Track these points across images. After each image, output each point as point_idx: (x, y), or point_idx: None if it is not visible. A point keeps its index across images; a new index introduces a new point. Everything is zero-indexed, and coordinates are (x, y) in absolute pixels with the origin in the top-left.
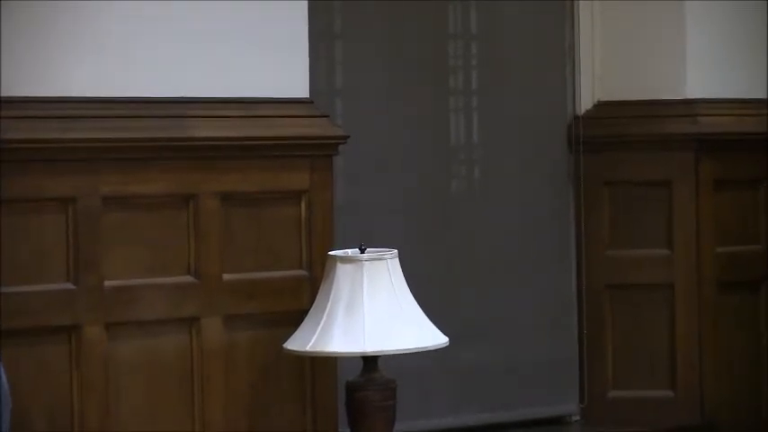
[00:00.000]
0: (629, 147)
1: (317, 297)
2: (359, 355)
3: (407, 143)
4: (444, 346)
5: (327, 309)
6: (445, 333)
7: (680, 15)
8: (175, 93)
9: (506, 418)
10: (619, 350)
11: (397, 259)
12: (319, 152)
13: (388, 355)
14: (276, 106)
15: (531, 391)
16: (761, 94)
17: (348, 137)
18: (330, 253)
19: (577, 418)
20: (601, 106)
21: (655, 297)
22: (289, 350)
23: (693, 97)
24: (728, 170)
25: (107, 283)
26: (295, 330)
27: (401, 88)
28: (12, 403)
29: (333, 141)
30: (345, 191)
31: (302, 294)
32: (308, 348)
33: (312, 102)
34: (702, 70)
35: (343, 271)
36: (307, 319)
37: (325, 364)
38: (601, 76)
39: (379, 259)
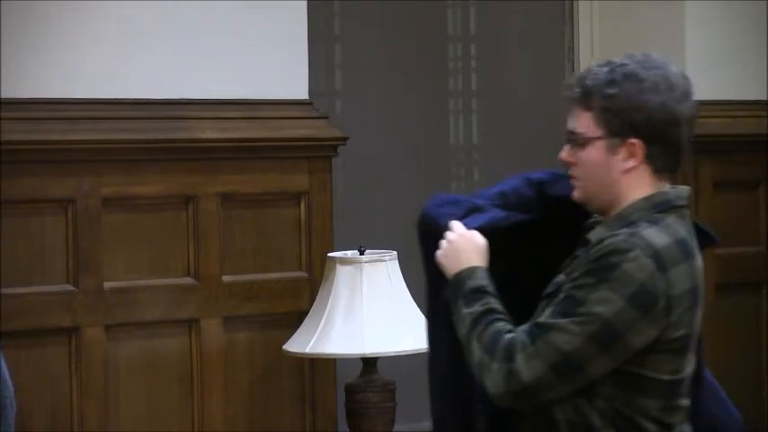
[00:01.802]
0: None
1: (317, 298)
2: (358, 356)
3: (407, 144)
4: None
5: (327, 310)
6: None
7: (679, 17)
8: (175, 94)
9: None
10: None
11: (397, 261)
12: (318, 153)
13: (388, 357)
14: (275, 108)
15: None
16: (760, 96)
17: (347, 138)
18: (329, 254)
19: None
20: None
21: None
22: (288, 352)
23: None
24: (728, 172)
25: (107, 284)
26: (294, 332)
27: (400, 90)
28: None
29: (332, 143)
30: (345, 192)
31: (301, 296)
32: (307, 350)
33: (311, 103)
34: (702, 72)
35: (342, 272)
36: (306, 321)
37: (325, 365)
38: None
39: (379, 261)
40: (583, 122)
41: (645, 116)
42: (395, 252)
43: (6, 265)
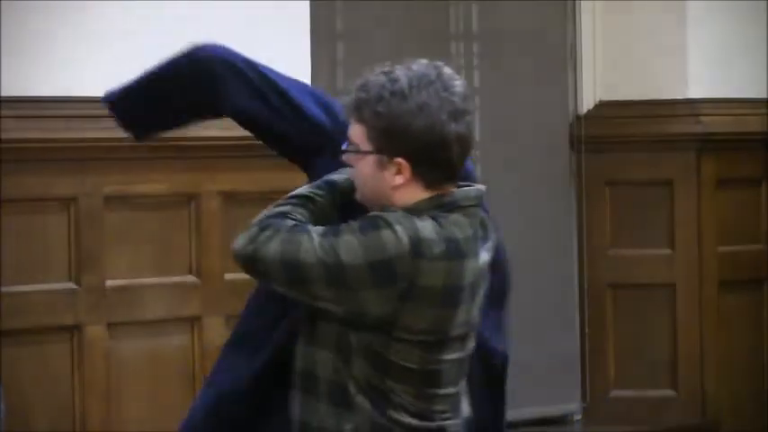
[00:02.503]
0: (630, 146)
1: None
2: None
3: None
4: None
5: None
6: None
7: (681, 15)
8: None
9: (508, 417)
10: (620, 349)
11: None
12: None
13: None
14: None
15: (533, 391)
16: (762, 94)
17: None
18: None
19: (579, 417)
20: (602, 106)
21: (656, 296)
22: None
23: (695, 97)
24: (730, 170)
25: (109, 282)
26: None
27: None
28: (13, 403)
29: None
30: None
31: None
32: None
33: None
34: (704, 70)
35: None
36: None
37: None
38: (602, 76)
39: None
40: (356, 133)
41: (410, 138)
42: None
43: (8, 264)
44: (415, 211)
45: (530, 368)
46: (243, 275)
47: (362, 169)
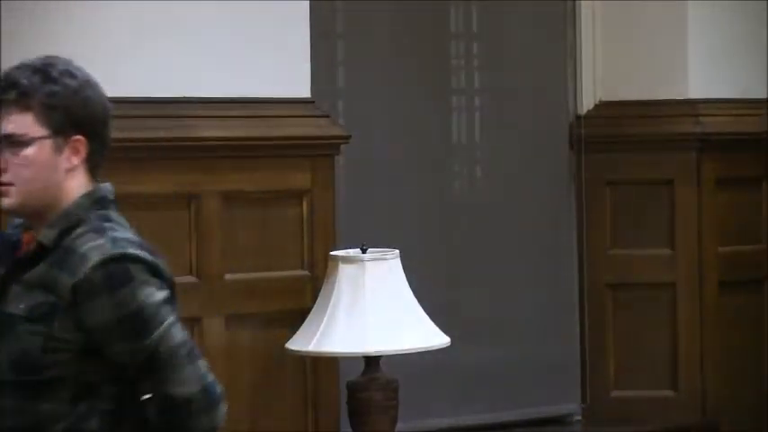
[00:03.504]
0: (630, 146)
1: (319, 297)
2: (361, 355)
3: (409, 143)
4: (446, 345)
5: (329, 309)
6: (447, 333)
7: (682, 15)
8: (177, 93)
9: (508, 417)
10: (620, 350)
11: (399, 259)
12: (321, 152)
13: (390, 355)
14: (278, 106)
15: (533, 391)
16: (762, 94)
17: (350, 137)
18: (332, 253)
19: (579, 417)
20: (602, 106)
21: (656, 296)
22: (291, 350)
23: (695, 97)
24: (730, 170)
25: None
26: (297, 330)
27: (402, 88)
28: None
29: (334, 141)
30: (347, 191)
31: (304, 294)
32: (309, 348)
33: (314, 102)
34: (704, 70)
35: (344, 271)
36: (308, 319)
37: (327, 364)
38: (602, 76)
39: (381, 259)
40: (22, 124)
41: (87, 112)
42: (397, 250)
43: None
44: (75, 213)
45: (529, 368)
46: (244, 275)
47: (34, 160)
